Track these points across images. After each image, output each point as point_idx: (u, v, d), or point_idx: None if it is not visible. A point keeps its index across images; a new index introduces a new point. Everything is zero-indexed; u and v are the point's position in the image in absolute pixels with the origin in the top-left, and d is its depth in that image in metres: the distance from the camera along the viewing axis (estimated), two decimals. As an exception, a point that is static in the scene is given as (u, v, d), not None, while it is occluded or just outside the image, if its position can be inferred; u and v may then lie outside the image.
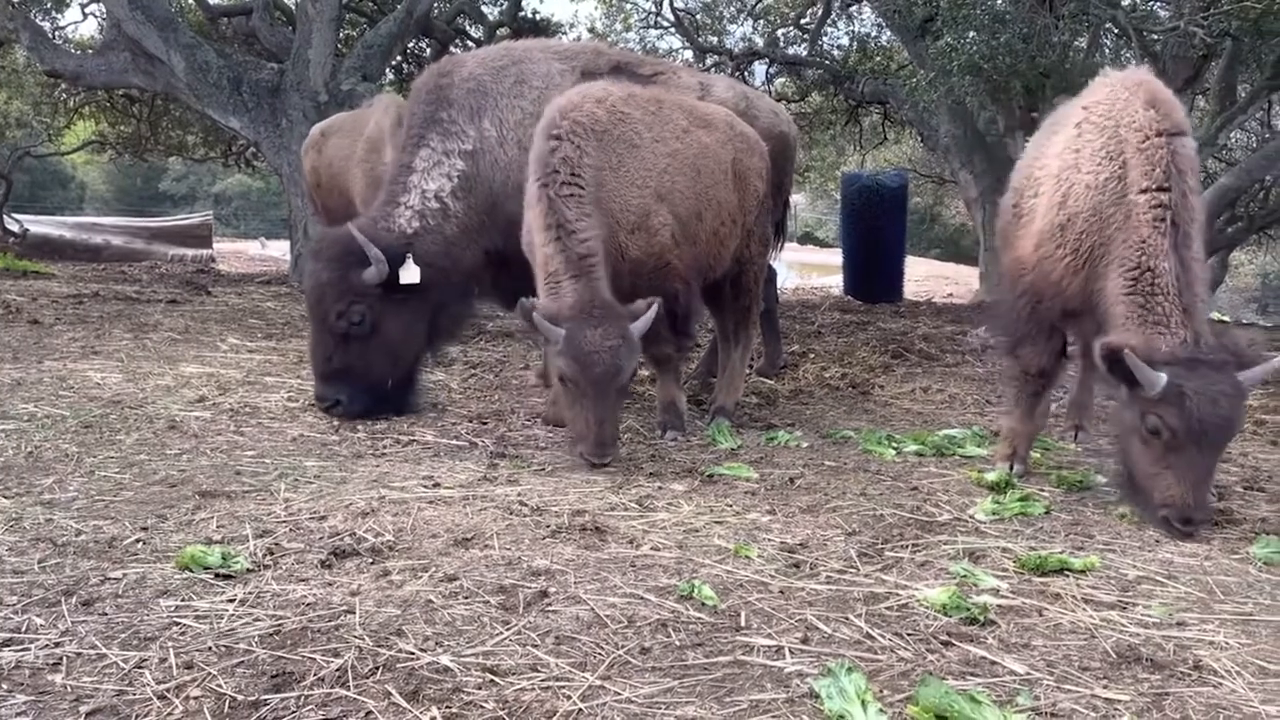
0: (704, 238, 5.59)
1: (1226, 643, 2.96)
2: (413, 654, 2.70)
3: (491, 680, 2.57)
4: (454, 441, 5.25)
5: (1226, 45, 10.55)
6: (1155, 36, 11.48)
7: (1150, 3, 13.46)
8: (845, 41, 20.22)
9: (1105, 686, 2.65)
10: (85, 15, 21.72)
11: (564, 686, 2.56)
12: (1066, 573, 3.50)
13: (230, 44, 17.26)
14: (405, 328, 5.71)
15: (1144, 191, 4.24)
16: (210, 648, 2.71)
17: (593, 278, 4.83)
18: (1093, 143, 4.50)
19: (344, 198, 8.98)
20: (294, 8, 16.69)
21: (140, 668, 2.59)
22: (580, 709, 2.45)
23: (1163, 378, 3.90)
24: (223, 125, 14.66)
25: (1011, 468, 4.86)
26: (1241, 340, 4.18)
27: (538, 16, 18.92)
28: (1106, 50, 14.00)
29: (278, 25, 16.39)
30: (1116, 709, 2.53)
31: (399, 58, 18.37)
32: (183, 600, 3.02)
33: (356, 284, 5.52)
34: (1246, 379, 4.00)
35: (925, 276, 23.61)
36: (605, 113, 5.26)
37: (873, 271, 15.68)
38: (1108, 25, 11.94)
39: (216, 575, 3.21)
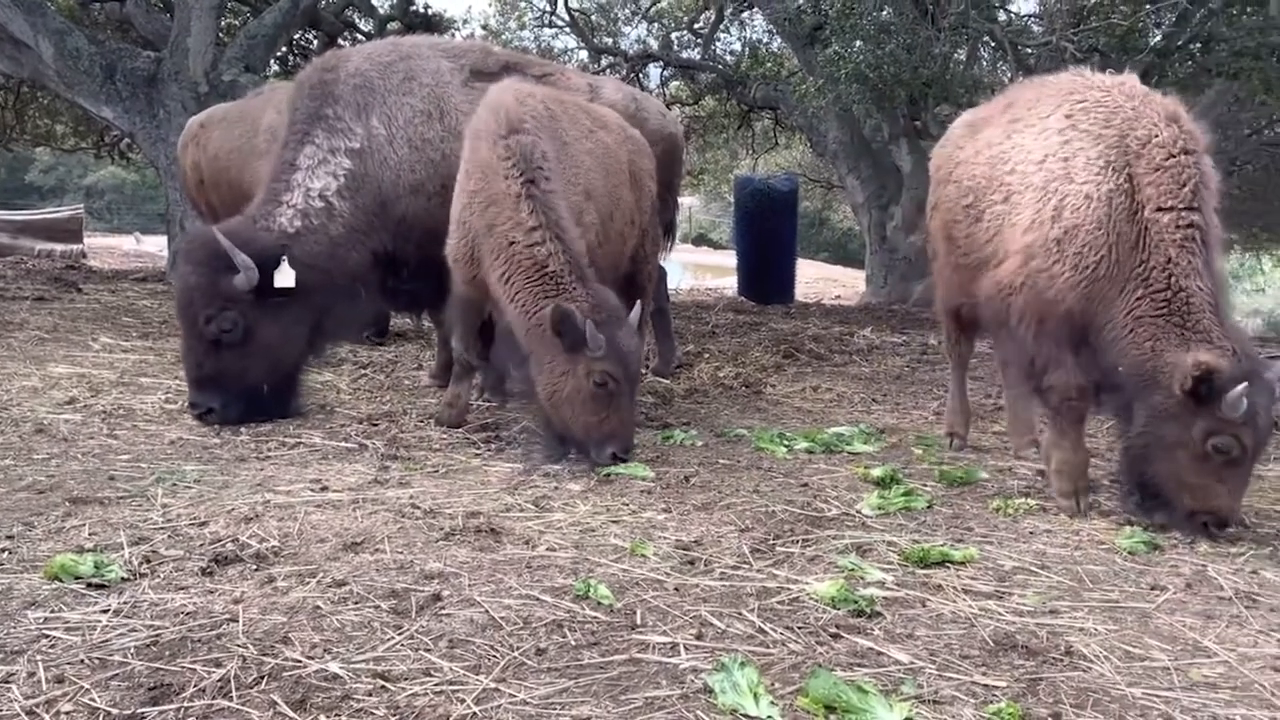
0: (613, 238, 5.62)
1: (1095, 629, 3.11)
2: (299, 662, 2.63)
3: (383, 686, 2.53)
4: (343, 444, 5.12)
5: (1095, 60, 11.09)
6: (1029, 50, 12.03)
7: (1025, 18, 14.09)
8: (738, 47, 20.60)
9: (984, 673, 2.76)
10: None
11: (457, 690, 2.53)
12: (948, 565, 3.63)
13: (103, 30, 16.50)
14: (282, 332, 5.50)
15: (1167, 210, 4.12)
16: (83, 660, 2.58)
17: (589, 277, 4.77)
18: (1086, 151, 4.31)
19: (235, 191, 8.55)
20: (172, -6, 16.05)
21: (7, 682, 2.46)
22: (474, 713, 2.43)
23: (1245, 402, 3.80)
24: (94, 115, 13.99)
25: (1079, 504, 4.45)
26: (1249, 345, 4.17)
27: (429, 12, 18.63)
28: (984, 62, 14.59)
29: (154, 12, 15.73)
30: (994, 694, 2.63)
31: (285, 49, 17.85)
32: (52, 611, 2.88)
33: (226, 289, 5.27)
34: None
35: (814, 279, 24.15)
36: (543, 109, 5.22)
37: (765, 273, 15.94)
38: (985, 39, 12.44)
39: (89, 585, 3.07)
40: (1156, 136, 4.22)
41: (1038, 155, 4.50)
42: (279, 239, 5.49)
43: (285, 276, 5.39)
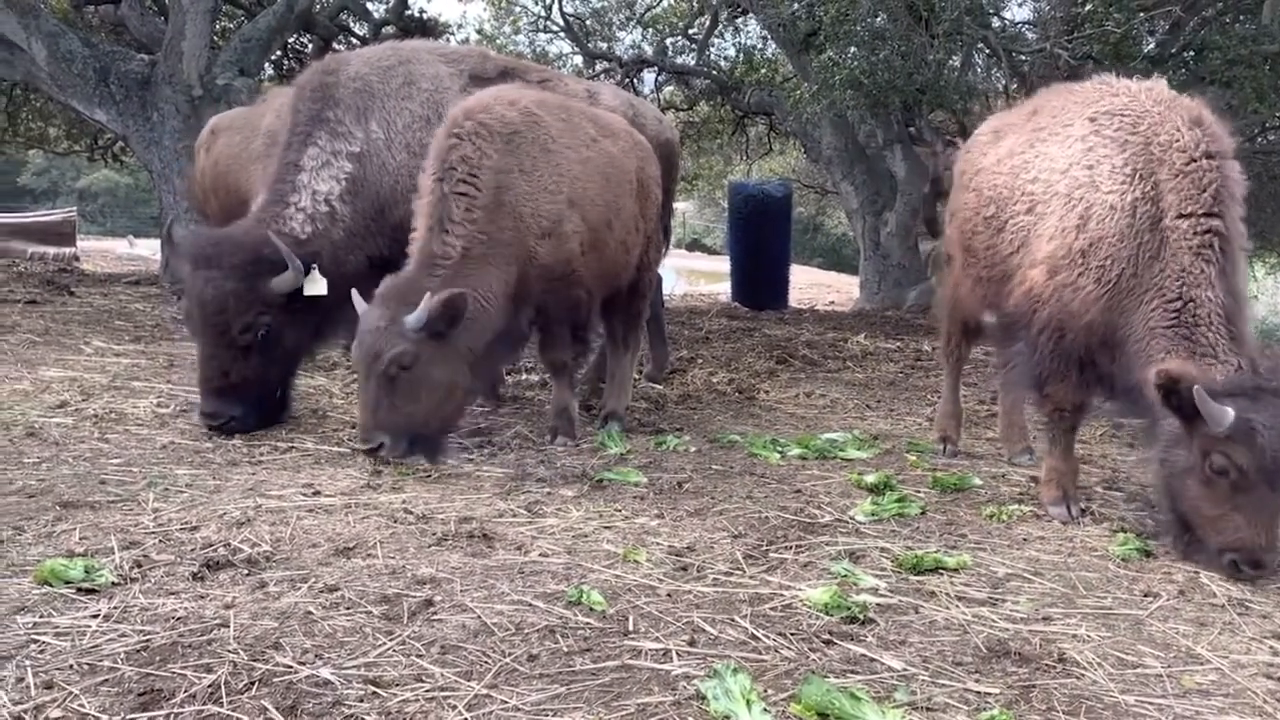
0: (613, 246, 5.63)
1: (1088, 636, 3.11)
2: (291, 667, 2.61)
3: (374, 692, 2.51)
4: (335, 448, 5.11)
5: (1089, 67, 11.13)
6: (1023, 57, 12.06)
7: (1019, 25, 14.14)
8: (732, 52, 20.64)
9: (977, 680, 2.75)
10: (-64, -3, 20.39)
11: (449, 696, 2.52)
12: (941, 571, 3.63)
13: (97, 33, 16.45)
14: (297, 337, 5.50)
15: (1186, 216, 3.99)
16: (72, 666, 2.57)
17: (459, 275, 4.80)
18: (1111, 159, 4.18)
19: (233, 197, 8.54)
20: (166, -3, 16.04)
21: (-7, 690, 2.44)
22: (466, 719, 2.42)
23: (1230, 412, 3.56)
24: (88, 118, 13.94)
25: (1069, 510, 4.42)
26: None
27: (424, 16, 18.64)
28: (978, 69, 14.63)
29: (149, 15, 15.69)
30: (987, 701, 2.63)
31: (279, 53, 17.83)
32: (42, 616, 2.86)
33: (265, 293, 5.23)
34: None
35: (808, 285, 24.17)
36: (518, 115, 5.22)
37: (759, 279, 15.95)
38: (979, 45, 12.47)
39: (79, 590, 3.05)
40: (1178, 140, 4.09)
41: (1062, 164, 4.38)
42: (295, 244, 5.44)
43: (317, 285, 5.34)
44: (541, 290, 5.20)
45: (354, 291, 4.86)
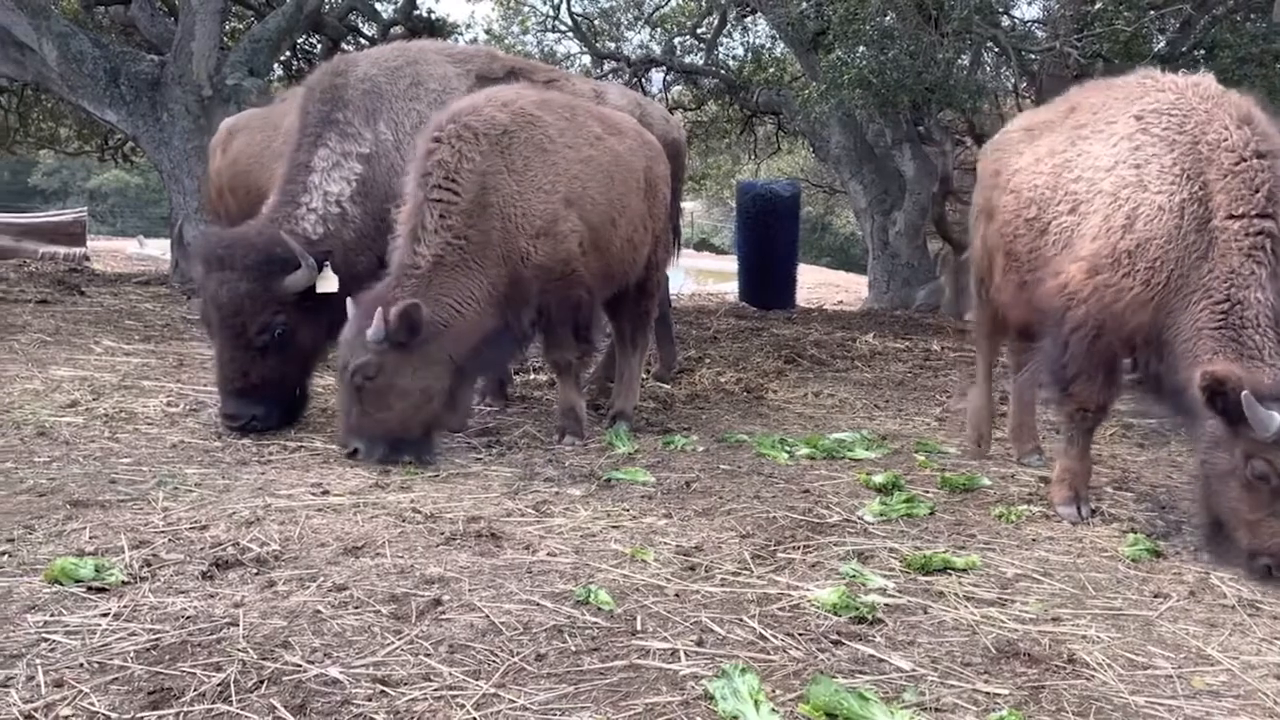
0: (618, 245, 5.62)
1: (1098, 637, 3.10)
2: (299, 666, 2.62)
3: (382, 691, 2.52)
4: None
5: (1099, 66, 11.09)
6: (1033, 56, 12.04)
7: (1028, 24, 14.10)
8: (740, 52, 20.60)
9: (986, 681, 2.75)
10: (-53, -2, 20.49)
11: (457, 696, 2.52)
12: (950, 571, 3.62)
13: (107, 34, 16.51)
14: (312, 335, 5.50)
15: (1238, 218, 3.91)
16: (82, 664, 2.58)
17: (430, 284, 4.85)
18: (1160, 158, 4.09)
19: (253, 196, 8.53)
20: (176, -2, 16.10)
21: (6, 686, 2.45)
22: (474, 718, 2.42)
23: (1277, 418, 3.49)
24: (98, 118, 13.99)
25: (1079, 511, 4.41)
26: None
27: (433, 16, 18.66)
28: (988, 67, 14.59)
29: (159, 15, 15.74)
30: (996, 702, 2.62)
31: (288, 53, 17.88)
32: (52, 615, 2.87)
33: (279, 292, 5.26)
34: None
35: (816, 284, 24.13)
36: (509, 116, 5.22)
37: (767, 278, 15.93)
38: (989, 44, 12.44)
39: (89, 589, 3.06)
40: (1227, 140, 4.01)
41: (1107, 162, 4.28)
42: (308, 244, 5.45)
43: (329, 282, 5.35)
44: (540, 290, 5.19)
45: (349, 301, 4.92)
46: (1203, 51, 11.48)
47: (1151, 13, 11.21)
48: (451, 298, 4.89)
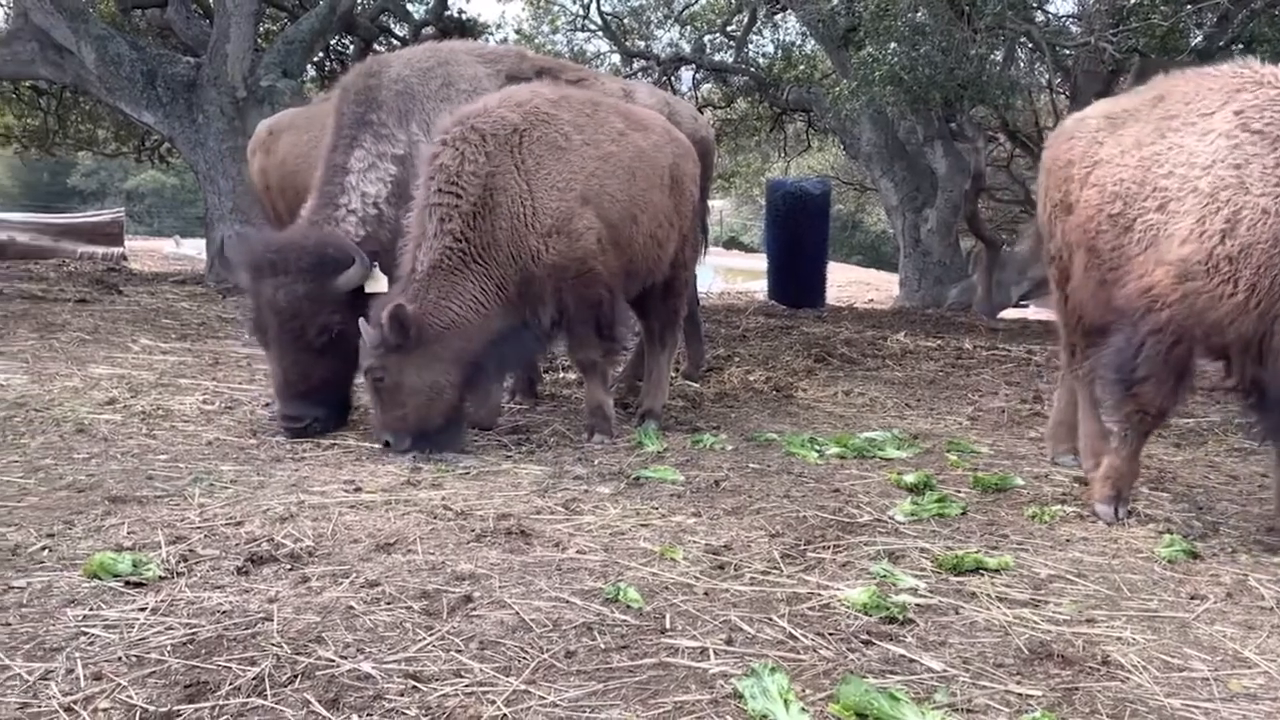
0: (640, 242, 5.60)
1: (1133, 639, 3.07)
2: (333, 661, 2.65)
3: (414, 687, 2.54)
4: (376, 445, 5.16)
5: (1135, 60, 10.94)
6: (1068, 51, 11.90)
7: (1063, 19, 13.93)
8: (770, 49, 20.55)
9: (1018, 682, 2.72)
10: (-11, 3, 20.86)
11: (488, 692, 2.54)
12: (982, 572, 3.59)
13: (144, 36, 16.75)
14: (356, 335, 5.57)
15: None
16: (120, 658, 2.62)
17: (428, 288, 4.95)
18: (1262, 158, 3.87)
19: (301, 197, 8.58)
20: (211, 1, 16.29)
21: (46, 679, 2.50)
22: (505, 714, 2.44)
23: None
24: (135, 120, 14.21)
25: (1116, 512, 4.35)
26: None
27: (464, 16, 18.76)
28: (1021, 63, 14.44)
29: (194, 18, 15.94)
30: (1029, 704, 2.60)
31: (321, 54, 18.05)
32: (91, 609, 2.92)
33: (334, 292, 5.29)
34: None
35: (847, 282, 24.02)
36: (520, 116, 5.22)
37: (796, 277, 15.87)
38: (1022, 39, 12.31)
39: (127, 583, 3.11)
40: None
41: (1203, 159, 4.06)
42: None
43: (379, 281, 5.38)
44: (556, 288, 5.20)
45: (361, 321, 4.99)
46: (1240, 46, 11.28)
47: (1189, 6, 11.04)
48: (452, 299, 4.98)
